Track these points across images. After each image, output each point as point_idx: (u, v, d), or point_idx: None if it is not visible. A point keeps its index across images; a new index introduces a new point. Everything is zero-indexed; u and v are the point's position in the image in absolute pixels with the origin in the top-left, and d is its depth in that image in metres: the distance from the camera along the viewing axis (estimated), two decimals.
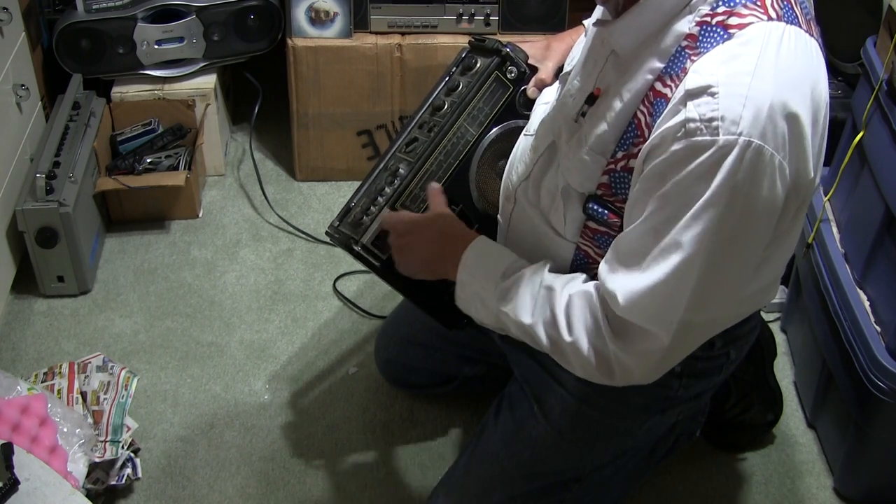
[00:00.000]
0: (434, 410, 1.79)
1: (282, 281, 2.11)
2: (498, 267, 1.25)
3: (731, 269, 1.08)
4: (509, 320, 1.23)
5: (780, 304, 2.00)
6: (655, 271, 1.06)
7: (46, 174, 1.94)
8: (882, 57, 1.61)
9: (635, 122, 1.09)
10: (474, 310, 1.29)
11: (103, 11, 2.22)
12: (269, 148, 2.53)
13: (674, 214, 1.03)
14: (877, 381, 1.48)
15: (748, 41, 1.01)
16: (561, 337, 1.16)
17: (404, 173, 1.43)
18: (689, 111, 1.00)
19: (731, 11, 1.03)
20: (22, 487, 1.26)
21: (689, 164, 1.00)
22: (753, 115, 0.98)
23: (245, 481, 1.66)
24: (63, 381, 1.70)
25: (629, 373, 1.15)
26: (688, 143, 1.00)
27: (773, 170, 1.00)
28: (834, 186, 1.76)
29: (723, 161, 0.99)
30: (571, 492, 1.42)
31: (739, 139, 0.98)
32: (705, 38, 1.03)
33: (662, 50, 1.07)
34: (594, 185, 1.16)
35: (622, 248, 1.11)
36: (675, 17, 1.06)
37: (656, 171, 1.04)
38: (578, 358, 1.16)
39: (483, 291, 1.26)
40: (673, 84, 1.04)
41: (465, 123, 1.43)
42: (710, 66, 1.01)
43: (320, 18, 2.23)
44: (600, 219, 1.17)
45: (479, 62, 1.47)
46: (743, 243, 1.06)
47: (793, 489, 1.68)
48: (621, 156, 1.12)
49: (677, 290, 1.06)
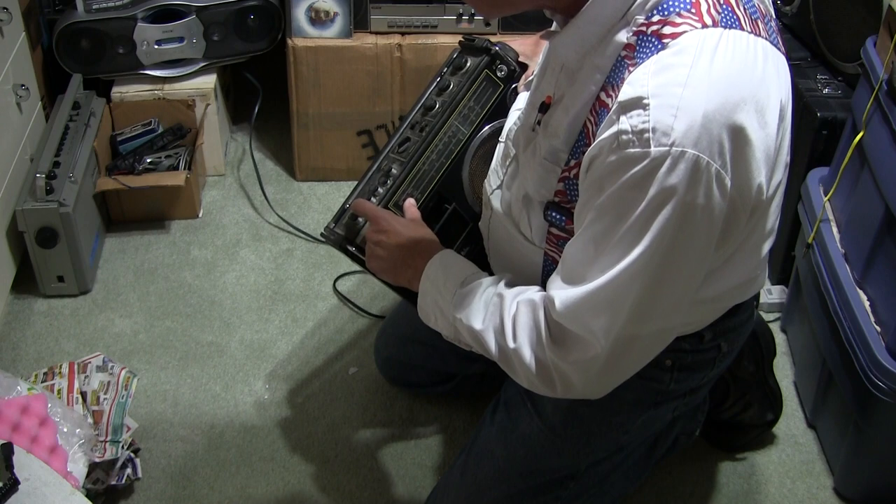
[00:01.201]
0: (434, 410, 1.80)
1: (282, 281, 2.11)
2: (458, 277, 1.27)
3: (673, 279, 1.07)
4: (462, 327, 1.24)
5: (780, 304, 2.00)
6: (593, 279, 1.07)
7: (46, 174, 1.94)
8: (882, 57, 1.61)
9: (584, 130, 1.10)
10: (433, 319, 1.30)
11: (103, 11, 2.22)
12: (269, 148, 2.54)
13: (611, 225, 1.04)
14: (877, 381, 1.48)
15: (681, 51, 1.00)
16: (506, 344, 1.17)
17: (397, 173, 1.43)
18: (621, 123, 1.00)
19: (665, 20, 1.03)
20: (22, 487, 1.26)
21: (623, 175, 1.01)
22: (686, 126, 0.97)
23: (245, 481, 1.66)
24: (63, 381, 1.70)
25: (569, 383, 1.15)
26: (621, 155, 1.00)
27: (710, 178, 1.00)
28: (834, 186, 1.76)
29: (655, 172, 0.99)
30: (568, 489, 1.42)
31: (672, 150, 0.98)
32: (641, 48, 1.03)
33: (604, 60, 1.08)
34: (551, 193, 1.17)
35: (566, 256, 1.12)
36: (613, 28, 1.06)
37: (594, 182, 1.05)
38: (522, 366, 1.17)
39: (441, 300, 1.27)
40: (614, 94, 1.05)
41: (456, 122, 1.44)
42: (642, 77, 1.01)
43: (320, 18, 2.23)
44: (560, 225, 1.18)
45: (470, 61, 1.48)
46: (682, 253, 1.05)
47: (793, 489, 1.68)
48: (574, 164, 1.13)
49: (616, 299, 1.06)
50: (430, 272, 1.29)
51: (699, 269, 1.10)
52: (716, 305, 1.28)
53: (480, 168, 1.47)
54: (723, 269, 1.19)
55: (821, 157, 1.86)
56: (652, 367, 1.26)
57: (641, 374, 1.24)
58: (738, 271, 1.22)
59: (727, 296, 1.27)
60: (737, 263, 1.20)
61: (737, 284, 1.24)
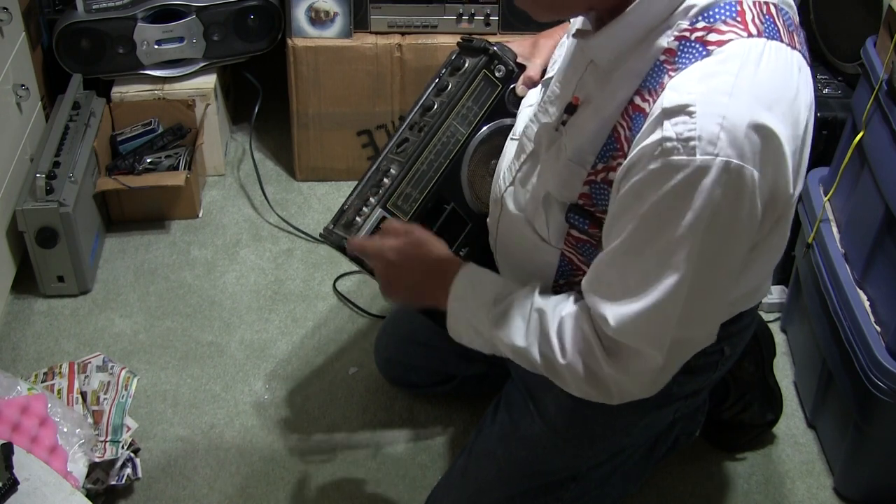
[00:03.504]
0: (434, 410, 1.79)
1: (282, 281, 2.11)
2: (489, 294, 1.24)
3: (717, 284, 1.08)
4: (503, 345, 1.22)
5: (780, 304, 2.00)
6: (645, 294, 1.06)
7: (46, 174, 1.94)
8: (882, 57, 1.61)
9: (615, 135, 1.09)
10: (467, 338, 1.27)
11: (103, 11, 2.22)
12: (269, 148, 2.54)
13: (654, 234, 1.03)
14: (877, 381, 1.48)
15: (727, 59, 1.00)
16: (556, 359, 1.16)
17: (395, 173, 1.43)
18: (665, 130, 0.99)
19: (710, 27, 1.02)
20: (22, 487, 1.26)
21: (667, 183, 1.00)
22: (731, 135, 0.97)
23: (245, 481, 1.66)
24: (63, 381, 1.70)
25: (626, 392, 1.15)
26: (664, 163, 0.99)
27: (753, 188, 1.00)
28: (834, 186, 1.76)
29: (700, 181, 0.98)
30: (569, 490, 1.42)
31: (716, 159, 0.97)
32: (683, 54, 1.02)
33: (641, 64, 1.06)
34: (575, 195, 1.16)
35: (605, 268, 1.11)
36: (654, 31, 1.05)
37: (634, 190, 1.04)
38: (575, 380, 1.16)
39: (475, 320, 1.25)
40: (651, 99, 1.04)
41: (454, 123, 1.44)
42: (687, 83, 1.00)
43: (320, 18, 2.23)
44: (582, 228, 1.17)
45: (468, 62, 1.48)
46: (725, 259, 1.06)
47: (793, 489, 1.68)
48: (601, 167, 1.11)
49: (667, 310, 1.06)
50: (458, 292, 1.26)
51: (737, 271, 1.10)
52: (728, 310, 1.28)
53: (479, 168, 1.47)
54: (743, 275, 1.19)
55: (821, 157, 1.86)
56: None
57: None
58: (753, 277, 1.22)
59: (739, 301, 1.27)
60: (755, 269, 1.20)
61: (749, 290, 1.24)
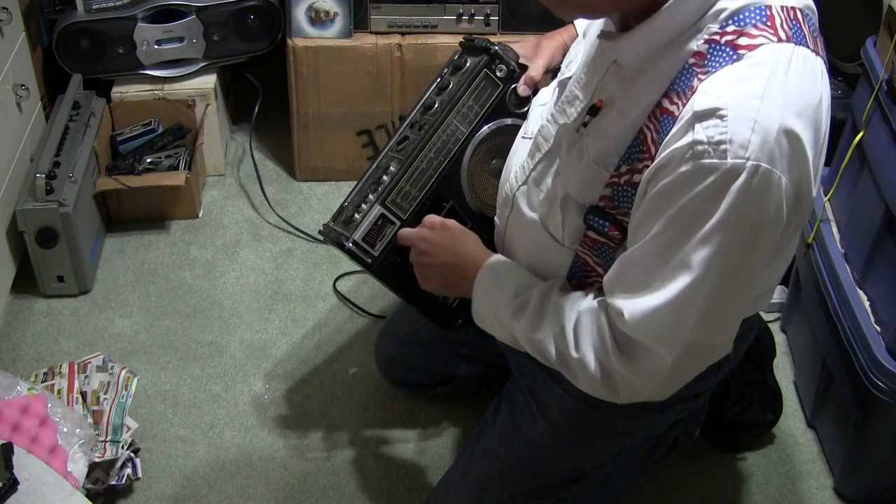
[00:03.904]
0: (434, 410, 1.79)
1: (282, 281, 2.11)
2: (511, 285, 1.26)
3: (737, 288, 1.08)
4: (520, 335, 1.24)
5: (780, 304, 2.00)
6: (663, 292, 1.06)
7: (46, 174, 1.94)
8: (882, 57, 1.61)
9: (640, 137, 1.09)
10: (490, 326, 1.30)
11: (103, 11, 2.22)
12: (269, 148, 2.54)
13: (681, 236, 1.03)
14: (877, 381, 1.48)
15: (758, 63, 1.00)
16: (569, 352, 1.17)
17: (395, 171, 1.43)
18: (697, 133, 0.99)
19: (741, 31, 1.02)
20: (22, 487, 1.26)
21: (697, 186, 1.00)
22: (762, 140, 0.97)
23: (245, 481, 1.66)
24: (63, 381, 1.70)
25: (633, 391, 1.15)
26: (695, 165, 0.99)
27: (780, 192, 1.00)
28: (834, 186, 1.76)
29: (731, 184, 0.98)
30: (571, 491, 1.42)
31: (747, 163, 0.98)
32: (714, 57, 1.03)
33: (669, 66, 1.06)
34: (596, 197, 1.16)
35: (628, 266, 1.11)
36: (683, 35, 1.05)
37: (663, 192, 1.04)
38: (584, 374, 1.16)
39: (497, 309, 1.27)
40: (679, 102, 1.04)
41: (454, 121, 1.44)
42: (718, 87, 1.00)
43: (320, 18, 2.23)
44: (601, 230, 1.17)
45: (469, 61, 1.48)
46: (748, 263, 1.06)
47: (793, 489, 1.68)
48: (625, 170, 1.11)
49: (684, 311, 1.06)
50: (483, 280, 1.29)
51: (759, 277, 1.10)
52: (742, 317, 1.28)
53: (479, 167, 1.47)
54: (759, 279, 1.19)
55: None
56: None
57: None
58: (766, 282, 1.22)
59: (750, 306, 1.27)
60: (768, 275, 1.20)
61: (761, 294, 1.25)
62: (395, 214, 1.43)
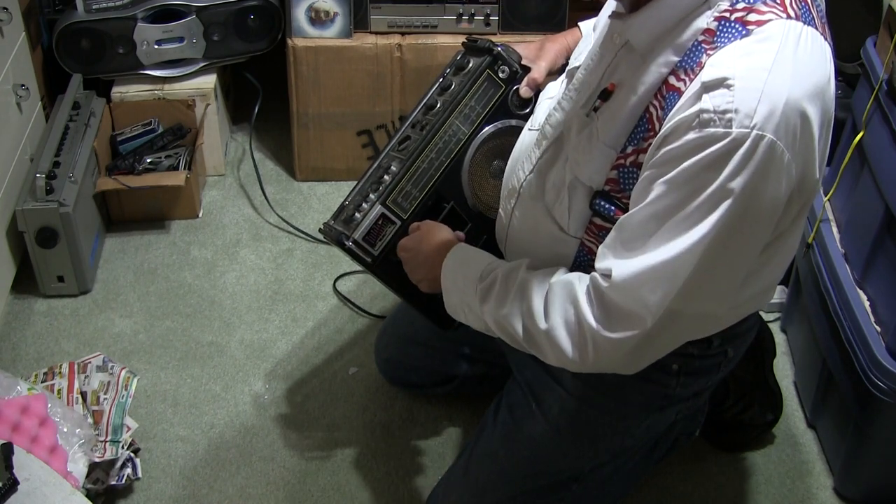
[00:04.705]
0: (434, 410, 1.79)
1: (282, 281, 2.11)
2: (476, 270, 1.27)
3: (728, 263, 1.08)
4: (489, 318, 1.24)
5: (780, 304, 2.00)
6: (654, 254, 1.06)
7: (46, 174, 1.94)
8: (882, 57, 1.61)
9: (647, 115, 1.10)
10: (463, 315, 1.31)
11: (103, 11, 2.22)
12: (269, 148, 2.54)
13: (679, 201, 1.04)
14: (877, 381, 1.48)
15: (767, 38, 1.01)
16: (536, 325, 1.16)
17: (396, 170, 1.43)
18: (703, 102, 1.00)
19: (750, 8, 1.03)
20: (22, 487, 1.26)
21: (700, 153, 1.01)
22: (768, 111, 0.98)
23: (245, 481, 1.66)
24: (63, 381, 1.70)
25: (604, 358, 1.13)
26: (700, 134, 1.00)
27: (781, 166, 1.01)
28: (834, 186, 1.76)
29: (734, 153, 0.99)
30: (571, 491, 1.42)
31: (752, 132, 0.98)
32: (723, 33, 1.04)
33: (679, 44, 1.07)
34: (603, 180, 1.16)
35: (624, 229, 1.11)
36: (694, 12, 1.06)
37: (666, 158, 1.04)
38: (553, 345, 1.16)
39: (465, 296, 1.28)
40: (687, 78, 1.05)
41: (456, 122, 1.44)
42: (727, 59, 1.01)
43: (320, 18, 2.23)
44: (606, 215, 1.17)
45: (472, 62, 1.48)
46: (743, 237, 1.06)
47: (793, 489, 1.68)
48: (631, 150, 1.12)
49: (673, 274, 1.06)
50: (448, 269, 1.31)
51: (752, 257, 1.11)
52: (738, 311, 1.28)
53: (480, 167, 1.47)
54: (759, 272, 1.19)
55: None
56: (659, 371, 1.25)
57: (648, 378, 1.24)
58: (767, 276, 1.22)
59: (749, 302, 1.27)
60: (770, 268, 1.20)
61: (761, 290, 1.24)
62: (396, 214, 1.43)
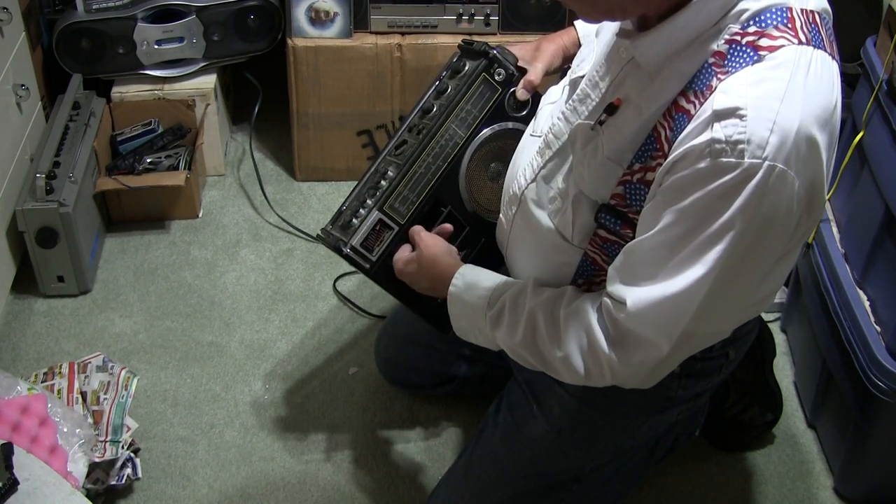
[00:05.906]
0: (434, 410, 1.79)
1: (282, 281, 2.11)
2: (482, 297, 1.29)
3: (740, 286, 1.09)
4: (502, 343, 1.27)
5: (780, 304, 2.00)
6: (669, 283, 1.06)
7: (46, 174, 1.94)
8: (882, 57, 1.61)
9: (654, 134, 1.09)
10: (474, 338, 1.33)
11: (103, 11, 2.22)
12: (269, 148, 2.54)
13: (691, 230, 1.04)
14: (877, 381, 1.48)
15: (779, 65, 1.00)
16: (552, 353, 1.19)
17: (392, 175, 1.43)
18: (715, 132, 0.99)
19: (762, 32, 1.02)
20: (22, 487, 1.26)
21: (712, 183, 1.00)
22: (780, 141, 0.98)
23: (245, 481, 1.66)
24: (63, 381, 1.70)
25: (621, 381, 1.16)
26: (712, 163, 1.00)
27: (792, 193, 1.01)
28: (834, 186, 1.76)
29: (746, 184, 0.99)
30: (571, 492, 1.42)
31: (764, 164, 0.98)
32: (734, 58, 1.03)
33: (688, 66, 1.06)
34: (608, 195, 1.16)
35: (635, 256, 1.11)
36: (704, 34, 1.05)
37: (676, 186, 1.04)
38: (569, 372, 1.18)
39: (475, 322, 1.30)
40: (697, 101, 1.04)
41: (453, 125, 1.43)
42: (739, 87, 1.00)
43: (320, 18, 2.23)
44: (612, 229, 1.17)
45: (468, 65, 1.47)
46: (755, 261, 1.07)
47: (793, 489, 1.68)
48: (638, 167, 1.11)
49: (687, 302, 1.07)
50: (454, 297, 1.32)
51: (763, 277, 1.11)
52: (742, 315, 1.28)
53: (477, 171, 1.47)
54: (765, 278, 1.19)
55: None
56: None
57: None
58: (772, 283, 1.22)
59: (755, 306, 1.27)
60: (775, 276, 1.20)
61: (766, 295, 1.25)
62: (393, 219, 1.43)
